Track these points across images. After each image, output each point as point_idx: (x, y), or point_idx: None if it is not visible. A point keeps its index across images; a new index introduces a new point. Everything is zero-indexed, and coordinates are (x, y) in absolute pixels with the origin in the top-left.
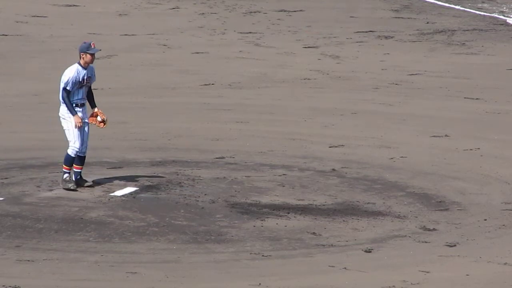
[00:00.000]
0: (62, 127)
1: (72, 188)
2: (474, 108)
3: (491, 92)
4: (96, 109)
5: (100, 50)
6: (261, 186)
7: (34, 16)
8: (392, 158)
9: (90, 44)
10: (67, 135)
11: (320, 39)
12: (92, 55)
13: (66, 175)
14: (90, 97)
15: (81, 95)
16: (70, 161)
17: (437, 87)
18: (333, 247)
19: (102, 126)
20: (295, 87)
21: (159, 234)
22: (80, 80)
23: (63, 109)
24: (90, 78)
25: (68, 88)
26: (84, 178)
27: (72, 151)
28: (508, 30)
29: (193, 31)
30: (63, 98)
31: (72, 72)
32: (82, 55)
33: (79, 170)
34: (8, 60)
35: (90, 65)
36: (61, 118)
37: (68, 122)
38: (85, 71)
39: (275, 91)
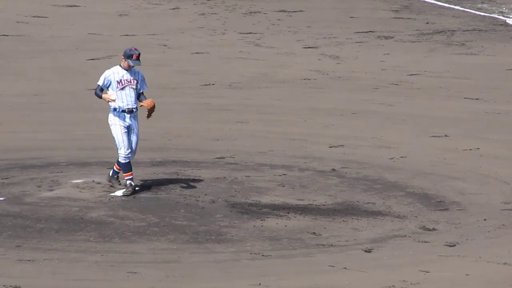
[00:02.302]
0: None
1: (125, 194)
2: (474, 108)
3: (491, 92)
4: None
5: (140, 64)
6: (261, 186)
7: (35, 16)
8: (392, 158)
9: (133, 54)
10: (115, 141)
11: (320, 39)
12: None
13: (128, 181)
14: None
15: (126, 100)
16: (126, 167)
17: (437, 87)
18: (333, 247)
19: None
20: (295, 87)
21: (159, 234)
22: (118, 80)
23: (109, 117)
24: (136, 81)
25: (99, 83)
26: (111, 173)
27: (121, 158)
28: (508, 30)
29: (193, 31)
30: (95, 92)
31: (110, 70)
32: (123, 58)
33: (119, 171)
34: (8, 60)
35: (137, 70)
36: (109, 125)
37: (114, 128)
38: (125, 72)
39: (275, 91)
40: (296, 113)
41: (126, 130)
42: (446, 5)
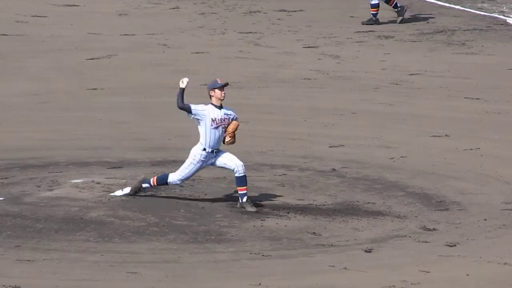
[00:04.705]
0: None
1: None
2: (474, 108)
3: (491, 92)
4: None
5: (228, 84)
6: (261, 186)
7: (34, 16)
8: (392, 158)
9: (217, 80)
10: (182, 166)
11: (320, 39)
12: (221, 88)
13: (145, 185)
14: None
15: (215, 140)
16: (162, 181)
17: (437, 87)
18: (333, 247)
19: (230, 137)
20: (295, 87)
21: (159, 234)
22: (213, 117)
23: (196, 150)
24: (228, 121)
25: (190, 104)
26: (240, 200)
27: (173, 181)
28: (508, 30)
29: (193, 31)
30: (179, 103)
31: (206, 106)
32: (211, 92)
33: (244, 192)
34: (8, 60)
35: (229, 108)
36: (190, 158)
37: (191, 163)
38: (220, 111)
39: (275, 91)
40: (296, 113)
41: (199, 168)
42: (447, 4)
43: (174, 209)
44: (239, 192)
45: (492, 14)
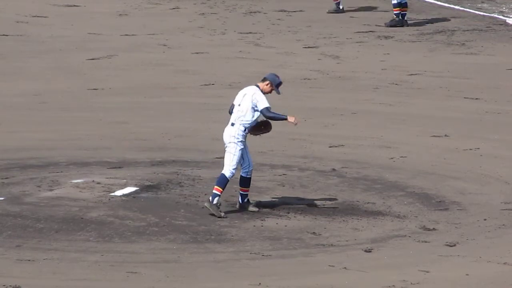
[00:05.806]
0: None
1: (223, 216)
2: (474, 108)
3: (491, 92)
4: None
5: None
6: (261, 186)
7: (34, 16)
8: (392, 158)
9: (281, 83)
10: (228, 158)
11: (320, 39)
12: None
13: (217, 198)
14: None
15: (254, 125)
16: (224, 183)
17: (437, 87)
18: (333, 247)
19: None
20: (295, 87)
21: (159, 234)
22: None
23: (238, 132)
24: None
25: (268, 104)
26: (241, 200)
27: (230, 173)
28: (508, 30)
29: (193, 31)
30: (274, 115)
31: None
32: (268, 84)
33: (246, 193)
34: (8, 60)
35: None
36: (232, 142)
37: (238, 147)
38: None
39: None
40: (296, 113)
41: (243, 148)
42: (446, 4)
43: (174, 209)
44: (242, 192)
45: (492, 14)
